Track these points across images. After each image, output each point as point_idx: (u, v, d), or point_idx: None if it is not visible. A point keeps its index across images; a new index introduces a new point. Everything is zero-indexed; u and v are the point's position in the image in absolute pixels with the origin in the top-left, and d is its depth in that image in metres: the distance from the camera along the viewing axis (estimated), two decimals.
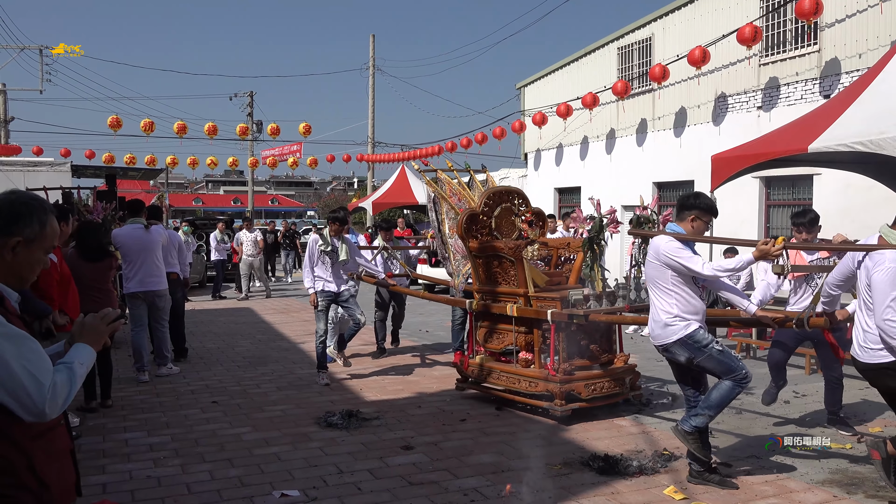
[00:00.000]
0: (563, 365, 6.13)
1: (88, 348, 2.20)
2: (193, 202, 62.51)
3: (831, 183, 12.27)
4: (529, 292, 6.40)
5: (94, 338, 2.23)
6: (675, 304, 4.61)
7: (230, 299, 16.21)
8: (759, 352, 9.22)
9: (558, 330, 6.15)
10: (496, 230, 7.01)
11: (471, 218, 6.88)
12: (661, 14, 16.41)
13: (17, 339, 2.01)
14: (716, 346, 4.58)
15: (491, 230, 6.98)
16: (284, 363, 8.84)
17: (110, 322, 2.27)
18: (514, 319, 6.57)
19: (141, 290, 7.81)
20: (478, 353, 7.03)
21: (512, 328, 6.63)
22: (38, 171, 13.93)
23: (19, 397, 1.97)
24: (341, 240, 7.91)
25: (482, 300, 6.97)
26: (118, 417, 6.42)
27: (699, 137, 15.11)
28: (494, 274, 6.86)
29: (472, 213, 6.91)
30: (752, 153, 9.25)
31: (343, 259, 7.86)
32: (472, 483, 4.75)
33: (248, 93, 37.00)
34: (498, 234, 7.00)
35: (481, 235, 6.94)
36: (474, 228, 6.90)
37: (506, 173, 24.56)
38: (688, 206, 4.73)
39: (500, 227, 7.05)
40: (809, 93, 12.90)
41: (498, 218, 7.05)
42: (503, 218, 7.08)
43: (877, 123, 7.67)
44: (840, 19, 12.34)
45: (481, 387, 6.94)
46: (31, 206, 2.18)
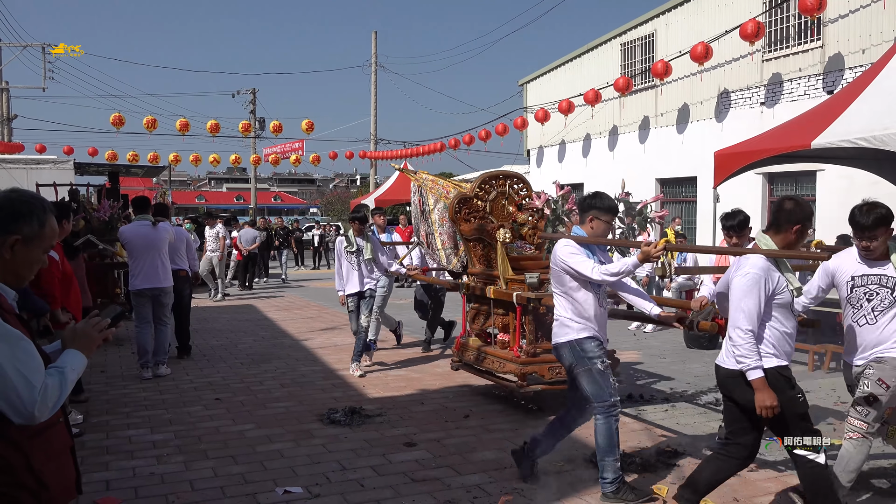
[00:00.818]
0: (527, 347, 6.19)
1: (80, 355, 2.19)
2: (196, 199, 62.56)
3: (835, 179, 12.24)
4: (507, 274, 6.42)
5: (86, 344, 2.22)
6: (572, 308, 4.50)
7: (233, 296, 16.24)
8: None
9: (524, 312, 6.17)
10: (491, 214, 6.93)
11: (462, 201, 6.85)
12: (663, 10, 16.39)
13: (10, 340, 2.00)
14: (599, 365, 4.41)
15: (485, 214, 6.91)
16: (287, 360, 8.85)
17: (104, 329, 2.26)
18: (492, 302, 6.61)
19: (146, 286, 7.81)
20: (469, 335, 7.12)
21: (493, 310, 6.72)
22: (41, 169, 13.96)
23: (9, 398, 1.97)
24: (366, 238, 8.04)
25: (472, 283, 7.00)
26: (121, 414, 6.43)
27: (702, 134, 15.09)
28: (483, 257, 6.95)
29: (464, 197, 6.88)
30: (755, 149, 9.22)
31: (369, 257, 7.98)
32: (475, 480, 4.75)
33: (251, 90, 37.04)
34: (493, 219, 6.91)
35: (475, 219, 6.88)
36: (466, 212, 6.85)
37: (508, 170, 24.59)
38: (586, 206, 4.58)
39: (496, 212, 6.96)
40: (813, 88, 12.88)
41: (493, 202, 6.96)
42: (498, 202, 7.00)
43: (881, 119, 7.65)
44: (843, 14, 12.31)
45: (471, 367, 6.99)
46: (31, 204, 2.17)
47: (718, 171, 9.48)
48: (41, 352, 2.16)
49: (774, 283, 3.71)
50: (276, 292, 16.94)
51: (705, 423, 6.01)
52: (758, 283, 3.67)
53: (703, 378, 7.71)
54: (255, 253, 18.28)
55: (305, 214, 56.26)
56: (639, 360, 8.77)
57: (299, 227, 31.60)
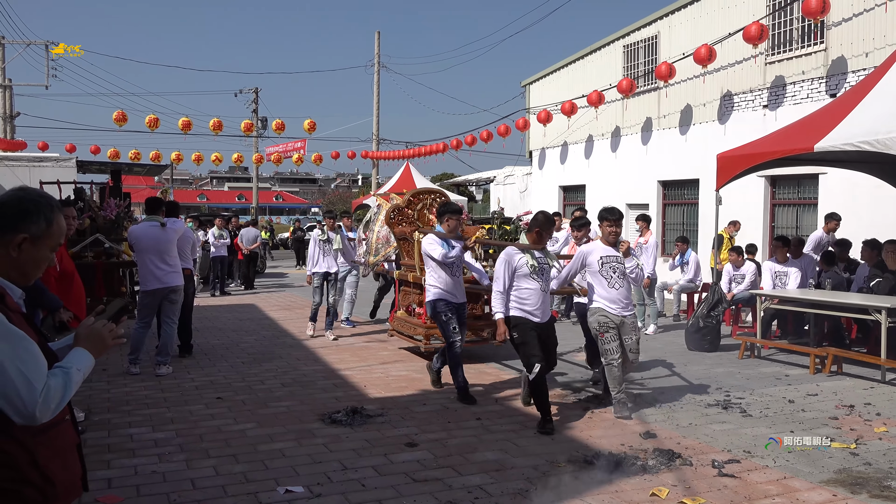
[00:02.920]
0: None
1: (88, 355, 2.19)
2: (198, 198, 62.61)
3: (838, 182, 12.24)
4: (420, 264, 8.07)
5: (96, 346, 2.22)
6: (433, 278, 6.94)
7: (234, 294, 16.25)
8: (764, 351, 9.21)
9: None
10: (418, 220, 9.04)
11: (395, 210, 9.06)
12: (667, 12, 16.39)
13: (13, 340, 2.00)
14: (443, 318, 6.85)
15: (413, 220, 9.03)
16: (289, 360, 8.86)
17: (117, 335, 2.27)
18: (412, 284, 9.02)
19: (158, 286, 7.87)
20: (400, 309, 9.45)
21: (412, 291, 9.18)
22: (44, 167, 13.96)
23: (10, 399, 1.97)
24: (336, 232, 10.42)
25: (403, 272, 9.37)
26: (123, 413, 6.44)
27: (705, 136, 15.09)
28: (410, 252, 8.95)
29: (397, 206, 9.10)
30: (758, 152, 9.23)
31: (336, 248, 10.33)
32: (477, 480, 4.76)
33: (254, 89, 37.10)
34: (420, 224, 8.91)
35: (405, 225, 8.95)
36: (399, 218, 9.03)
37: (510, 171, 24.57)
38: (441, 212, 7.17)
39: (421, 219, 9.05)
40: (816, 92, 12.87)
41: (419, 211, 9.10)
42: (422, 211, 9.10)
43: (884, 123, 7.64)
44: (847, 18, 12.31)
45: (400, 333, 9.27)
46: (39, 203, 2.18)
47: (721, 173, 9.49)
48: (48, 350, 2.17)
49: (515, 263, 6.03)
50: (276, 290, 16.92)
51: (706, 424, 6.01)
52: (503, 262, 6.05)
53: (703, 380, 7.71)
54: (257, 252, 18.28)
55: (307, 214, 56.29)
56: (640, 362, 8.76)
57: (300, 227, 31.65)
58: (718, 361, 8.82)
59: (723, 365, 8.60)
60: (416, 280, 8.60)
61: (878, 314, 7.59)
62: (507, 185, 24.27)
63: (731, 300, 10.22)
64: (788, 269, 9.79)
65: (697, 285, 12.07)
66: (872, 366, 7.94)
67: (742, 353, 9.07)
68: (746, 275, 10.52)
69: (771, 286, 9.80)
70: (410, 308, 9.14)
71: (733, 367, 8.50)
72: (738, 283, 10.53)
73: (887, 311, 7.48)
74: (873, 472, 4.87)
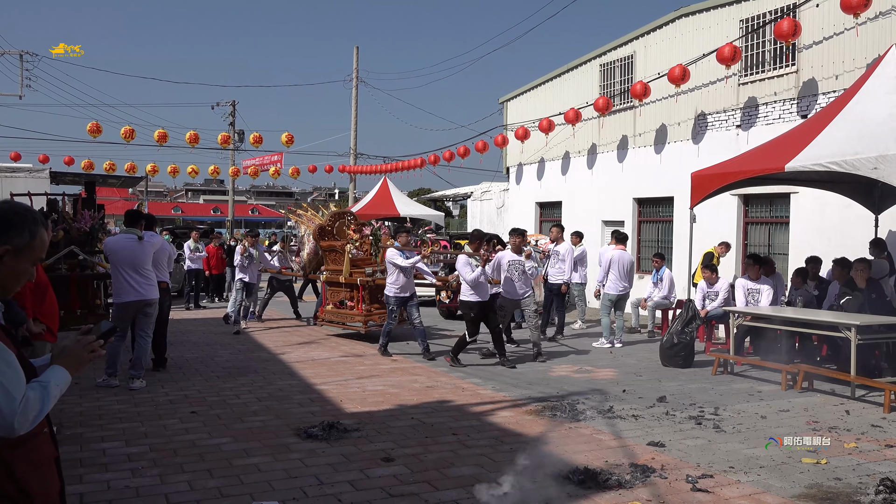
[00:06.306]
0: (366, 307, 11.44)
1: (65, 372, 2.19)
2: (172, 211, 62.07)
3: (809, 201, 12.47)
4: (348, 270, 11.49)
5: (73, 362, 2.22)
6: (394, 279, 10.05)
7: (209, 308, 16.11)
8: (737, 367, 9.32)
9: (365, 289, 11.43)
10: (336, 234, 12.20)
11: (320, 228, 12.30)
12: (642, 32, 16.64)
13: None
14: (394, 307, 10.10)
15: (333, 235, 12.18)
16: (264, 374, 8.81)
17: (94, 348, 2.26)
18: (343, 284, 11.75)
19: (134, 299, 7.81)
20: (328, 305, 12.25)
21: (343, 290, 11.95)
22: (16, 178, 13.79)
23: None
24: (255, 248, 13.24)
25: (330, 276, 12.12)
26: (95, 427, 6.35)
27: (679, 154, 15.29)
28: (334, 260, 12.01)
29: (321, 225, 12.37)
30: (731, 171, 9.39)
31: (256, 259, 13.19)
32: (453, 495, 4.76)
33: (231, 102, 36.93)
34: (338, 238, 12.13)
35: (328, 239, 12.13)
36: (323, 234, 12.19)
37: (487, 187, 24.66)
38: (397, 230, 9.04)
39: (340, 233, 12.20)
40: (787, 112, 13.12)
41: (337, 228, 12.28)
42: (340, 228, 12.28)
43: (852, 144, 7.83)
44: (818, 41, 12.59)
45: (331, 322, 12.18)
46: (22, 216, 2.18)
47: (695, 191, 9.64)
48: (29, 364, 2.16)
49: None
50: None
51: (680, 440, 6.07)
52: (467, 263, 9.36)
53: (678, 396, 7.79)
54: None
55: (282, 228, 55.99)
56: (615, 378, 8.84)
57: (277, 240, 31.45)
58: (692, 377, 8.92)
59: (696, 381, 8.69)
60: (350, 281, 11.45)
61: (847, 332, 7.73)
62: (483, 201, 24.35)
63: (705, 317, 10.34)
64: (761, 286, 9.93)
65: (672, 302, 12.20)
66: (843, 382, 8.07)
67: (715, 370, 9.17)
68: (720, 292, 10.65)
69: (744, 303, 9.93)
70: (338, 303, 12.00)
71: (707, 383, 8.60)
72: (711, 300, 10.66)
73: (857, 329, 7.63)
74: (843, 486, 4.95)
